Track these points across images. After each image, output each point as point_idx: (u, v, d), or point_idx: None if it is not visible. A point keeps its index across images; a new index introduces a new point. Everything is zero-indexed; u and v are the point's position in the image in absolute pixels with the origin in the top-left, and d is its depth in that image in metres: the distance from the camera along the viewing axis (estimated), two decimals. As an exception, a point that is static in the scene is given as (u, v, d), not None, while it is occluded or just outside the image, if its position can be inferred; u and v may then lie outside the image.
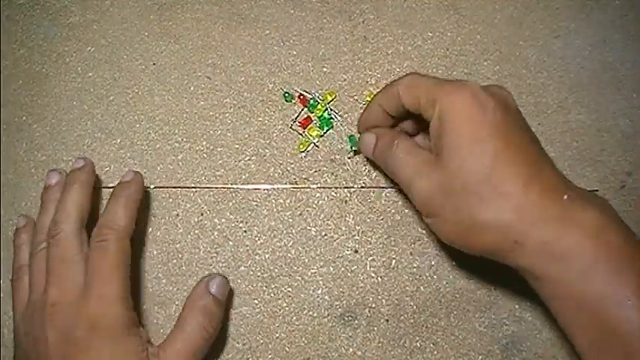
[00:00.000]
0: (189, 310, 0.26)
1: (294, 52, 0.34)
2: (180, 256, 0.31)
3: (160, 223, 0.32)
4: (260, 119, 0.33)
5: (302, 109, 0.33)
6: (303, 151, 0.32)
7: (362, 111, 0.29)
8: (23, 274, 0.27)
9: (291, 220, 0.32)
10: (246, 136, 0.33)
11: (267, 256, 0.31)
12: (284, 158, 0.32)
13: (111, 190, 0.30)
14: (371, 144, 0.27)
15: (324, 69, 0.34)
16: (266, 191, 0.32)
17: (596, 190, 0.32)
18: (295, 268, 0.31)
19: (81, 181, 0.28)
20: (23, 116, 0.34)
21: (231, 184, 0.32)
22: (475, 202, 0.21)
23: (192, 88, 0.34)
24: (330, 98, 0.33)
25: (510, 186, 0.21)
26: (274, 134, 0.33)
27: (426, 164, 0.23)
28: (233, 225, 0.32)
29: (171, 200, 0.32)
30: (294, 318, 0.30)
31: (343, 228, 0.31)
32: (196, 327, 0.25)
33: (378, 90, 0.33)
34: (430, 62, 0.34)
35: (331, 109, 0.33)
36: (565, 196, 0.21)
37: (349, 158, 0.32)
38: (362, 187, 0.32)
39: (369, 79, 0.34)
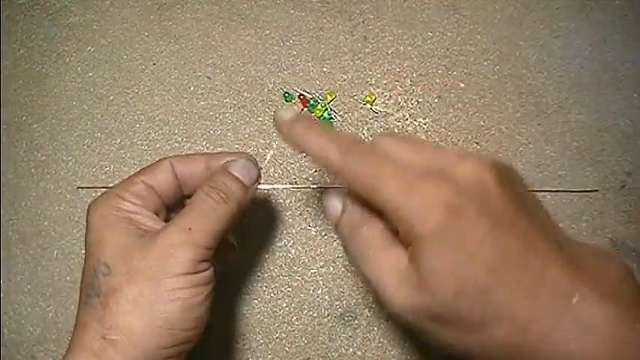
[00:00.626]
0: (200, 190, 0.22)
1: (294, 52, 0.34)
2: None
3: (160, 223, 0.32)
4: (260, 119, 0.33)
5: (302, 109, 0.33)
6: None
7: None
8: None
9: (291, 220, 0.32)
10: (246, 136, 0.33)
11: (266, 256, 0.31)
12: (284, 158, 0.32)
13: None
14: (335, 213, 0.22)
15: (324, 69, 0.34)
16: (266, 191, 0.32)
17: (596, 190, 0.32)
18: (295, 268, 0.31)
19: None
20: (23, 116, 0.34)
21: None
22: (475, 329, 0.18)
23: (192, 88, 0.34)
24: (330, 98, 0.33)
25: (514, 303, 0.18)
26: (274, 134, 0.33)
27: (403, 280, 0.19)
28: (233, 225, 0.32)
29: (171, 200, 0.32)
30: (294, 318, 0.30)
31: None
32: (206, 205, 0.22)
33: (378, 90, 0.33)
34: (430, 62, 0.34)
35: (331, 109, 0.33)
36: (574, 299, 0.18)
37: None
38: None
39: (369, 79, 0.34)
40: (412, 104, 0.33)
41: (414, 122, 0.33)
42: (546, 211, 0.21)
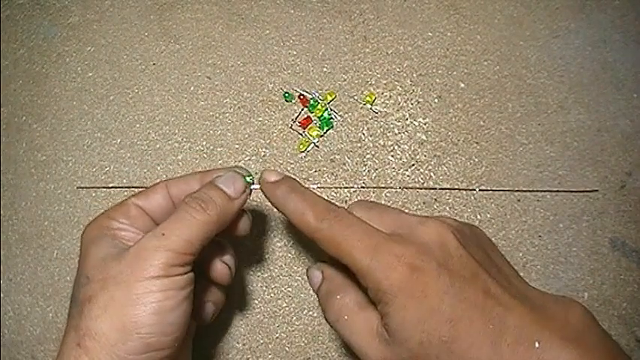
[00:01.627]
0: (181, 200, 0.23)
1: (294, 52, 0.34)
2: None
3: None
4: (260, 119, 0.33)
5: (302, 109, 0.33)
6: (303, 151, 0.33)
7: None
8: None
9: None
10: (246, 136, 0.33)
11: (267, 256, 0.31)
12: (284, 158, 0.33)
13: (111, 190, 0.30)
14: (316, 282, 0.24)
15: (324, 69, 0.34)
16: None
17: (596, 190, 0.32)
18: (295, 268, 0.31)
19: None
20: (23, 116, 0.34)
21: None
22: None
23: (192, 88, 0.34)
24: (330, 98, 0.33)
25: (477, 353, 0.19)
26: (274, 134, 0.33)
27: (375, 335, 0.21)
28: (233, 225, 0.32)
29: (171, 200, 0.32)
30: (294, 318, 0.30)
31: None
32: (183, 212, 0.22)
33: (378, 90, 0.33)
34: (430, 62, 0.34)
35: (331, 109, 0.33)
36: (537, 344, 0.19)
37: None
38: (362, 187, 0.32)
39: (369, 79, 0.34)
40: (412, 104, 0.33)
41: (414, 122, 0.33)
42: (510, 265, 0.23)
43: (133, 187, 0.32)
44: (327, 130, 0.33)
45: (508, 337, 0.19)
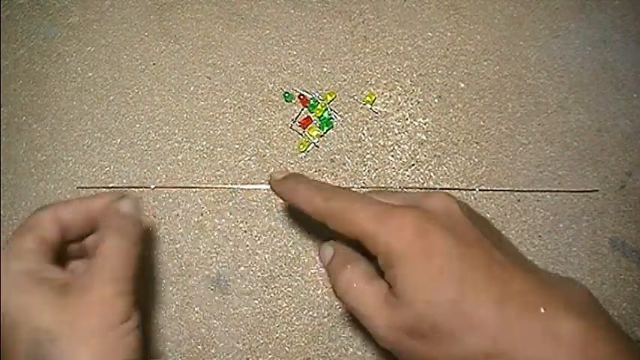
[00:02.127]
0: (105, 238, 0.23)
1: (294, 52, 0.34)
2: (180, 256, 0.31)
3: (160, 223, 0.32)
4: (260, 119, 0.33)
5: (302, 109, 0.33)
6: (303, 151, 0.33)
7: None
8: None
9: (291, 220, 0.32)
10: (246, 136, 0.33)
11: (267, 256, 0.31)
12: (284, 158, 0.33)
13: (111, 190, 0.30)
14: (327, 257, 0.25)
15: (324, 69, 0.34)
16: (266, 191, 0.32)
17: (596, 190, 0.32)
18: (295, 268, 0.31)
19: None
20: (23, 116, 0.34)
21: (232, 184, 0.32)
22: (449, 339, 0.20)
23: (192, 88, 0.34)
24: (330, 98, 0.33)
25: (483, 313, 0.19)
26: (274, 134, 0.33)
27: (383, 302, 0.21)
28: (233, 225, 0.32)
29: (171, 200, 0.32)
30: (294, 318, 0.30)
31: None
32: (117, 250, 0.22)
33: (378, 90, 0.33)
34: (430, 62, 0.34)
35: (331, 109, 0.33)
36: (542, 309, 0.19)
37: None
38: (362, 187, 0.32)
39: (369, 79, 0.34)
40: (412, 104, 0.33)
41: (414, 122, 0.33)
42: (513, 245, 0.23)
43: (133, 187, 0.32)
44: (327, 130, 0.33)
45: (514, 302, 0.19)
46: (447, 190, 0.32)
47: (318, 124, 0.33)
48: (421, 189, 0.32)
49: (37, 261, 0.22)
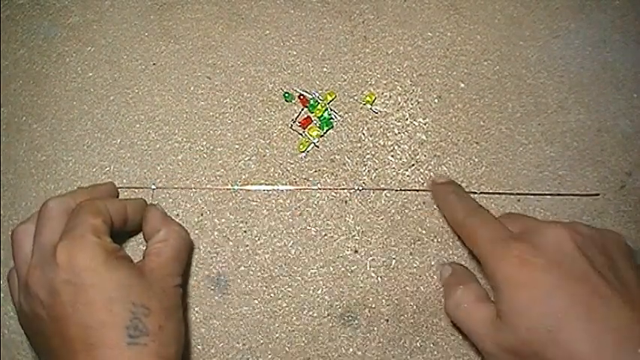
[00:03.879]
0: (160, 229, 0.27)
1: (294, 52, 0.34)
2: None
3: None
4: (260, 119, 0.33)
5: (302, 109, 0.33)
6: (303, 151, 0.33)
7: None
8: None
9: (291, 220, 0.32)
10: (246, 136, 0.33)
11: (267, 256, 0.31)
12: (284, 158, 0.33)
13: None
14: (445, 275, 0.29)
15: (324, 69, 0.34)
16: (266, 191, 0.32)
17: (597, 195, 0.32)
18: (295, 268, 0.31)
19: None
20: (23, 116, 0.34)
21: (232, 185, 0.32)
22: None
23: (192, 88, 0.34)
24: (330, 98, 0.33)
25: (579, 347, 0.20)
26: (274, 134, 0.33)
27: (490, 323, 0.24)
28: (233, 225, 0.32)
29: (171, 200, 0.32)
30: (294, 318, 0.30)
31: (343, 228, 0.32)
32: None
33: (378, 90, 0.33)
34: (430, 62, 0.34)
35: (331, 109, 0.33)
36: None
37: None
38: (362, 189, 0.32)
39: (369, 79, 0.34)
40: (412, 104, 0.34)
41: (414, 122, 0.33)
42: (636, 272, 0.24)
43: (133, 187, 0.32)
44: (327, 130, 0.33)
45: (611, 338, 0.20)
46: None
47: (318, 124, 0.33)
48: (420, 191, 0.32)
49: (110, 241, 0.25)
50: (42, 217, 0.26)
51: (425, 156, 0.33)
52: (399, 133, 0.33)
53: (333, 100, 0.33)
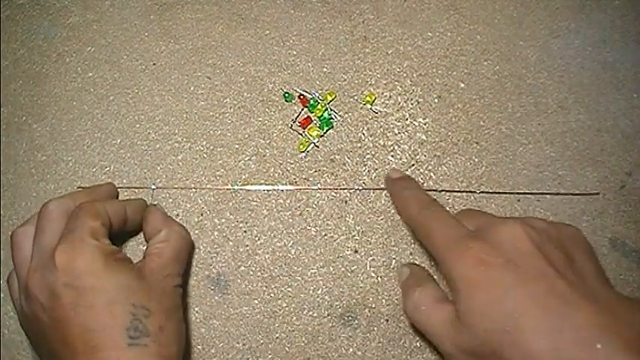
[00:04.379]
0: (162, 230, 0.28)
1: (294, 52, 0.34)
2: None
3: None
4: (260, 119, 0.33)
5: (302, 109, 0.33)
6: (303, 151, 0.33)
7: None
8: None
9: (291, 220, 0.32)
10: (246, 136, 0.33)
11: (267, 256, 0.31)
12: (284, 158, 0.33)
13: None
14: (403, 276, 0.28)
15: (324, 69, 0.34)
16: (266, 191, 0.32)
17: (597, 194, 0.32)
18: (295, 268, 0.31)
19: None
20: (23, 116, 0.34)
21: (232, 185, 0.32)
22: None
23: (192, 88, 0.34)
24: (330, 98, 0.33)
25: (538, 346, 0.20)
26: (274, 134, 0.33)
27: (449, 324, 0.23)
28: (233, 225, 0.32)
29: (171, 200, 0.32)
30: (294, 318, 0.30)
31: (343, 228, 0.32)
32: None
33: (378, 90, 0.34)
34: (430, 62, 0.34)
35: (331, 109, 0.33)
36: (598, 345, 0.19)
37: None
38: (362, 189, 0.32)
39: (369, 79, 0.34)
40: (412, 104, 0.34)
41: (414, 122, 0.33)
42: (595, 267, 0.23)
43: (133, 187, 0.32)
44: (327, 130, 0.33)
45: (569, 337, 0.20)
46: (449, 192, 0.32)
47: (318, 124, 0.33)
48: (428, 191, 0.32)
49: (108, 244, 0.25)
50: (42, 219, 0.26)
51: (425, 156, 0.33)
52: (399, 133, 0.33)
53: (333, 100, 0.33)
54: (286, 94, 0.33)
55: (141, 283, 0.24)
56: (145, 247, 0.28)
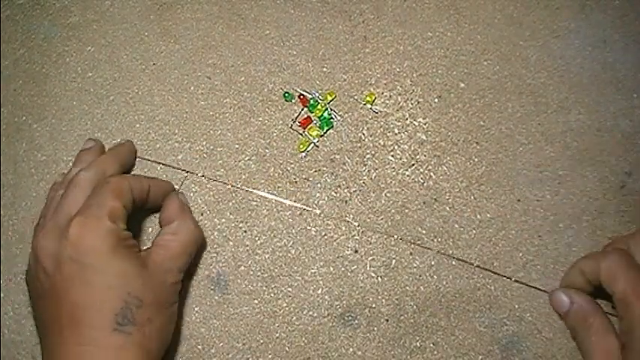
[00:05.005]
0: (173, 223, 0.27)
1: (294, 52, 0.34)
2: None
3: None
4: (260, 119, 0.33)
5: (302, 109, 0.33)
6: (303, 151, 0.33)
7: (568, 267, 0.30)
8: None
9: (291, 220, 0.32)
10: (246, 136, 0.33)
11: (267, 256, 0.31)
12: (284, 158, 0.33)
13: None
14: (563, 307, 0.28)
15: (324, 69, 0.34)
16: (267, 192, 0.32)
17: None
18: (295, 268, 0.31)
19: (116, 151, 0.30)
20: (23, 116, 0.34)
21: (232, 185, 0.32)
22: None
23: (192, 88, 0.34)
24: (330, 98, 0.33)
25: None
26: (274, 134, 0.33)
27: (612, 355, 0.25)
28: (233, 225, 0.32)
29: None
30: (294, 318, 0.30)
31: (343, 228, 0.32)
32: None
33: (378, 90, 0.34)
34: (430, 62, 0.34)
35: (331, 109, 0.33)
36: None
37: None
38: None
39: (369, 79, 0.34)
40: (412, 104, 0.34)
41: (414, 122, 0.33)
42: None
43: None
44: (327, 130, 0.33)
45: None
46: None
47: (318, 124, 0.33)
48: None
49: (123, 228, 0.25)
50: (70, 184, 0.26)
51: (425, 156, 0.33)
52: (399, 132, 0.33)
53: (333, 99, 0.33)
54: (286, 94, 0.33)
55: (142, 273, 0.24)
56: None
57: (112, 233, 0.24)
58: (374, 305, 0.30)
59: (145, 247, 0.26)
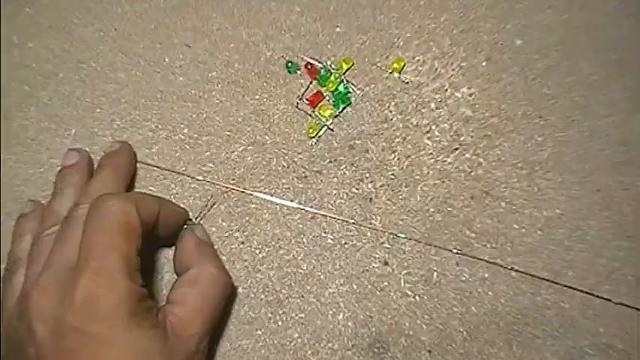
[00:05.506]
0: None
1: (298, 9, 0.32)
2: (160, 276, 0.29)
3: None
4: (256, 97, 0.31)
5: (310, 83, 0.31)
6: (313, 137, 0.31)
7: None
8: (19, 267, 0.25)
9: (300, 226, 0.30)
10: (240, 119, 0.31)
11: (271, 273, 0.29)
12: (289, 147, 0.31)
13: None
14: None
15: (337, 29, 0.31)
16: (267, 192, 0.31)
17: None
18: (308, 287, 0.29)
19: (114, 165, 0.28)
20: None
21: (224, 183, 0.30)
22: None
23: (166, 60, 0.31)
24: (345, 67, 0.31)
25: None
26: (275, 116, 0.31)
27: None
28: (227, 235, 0.30)
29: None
30: (309, 352, 0.28)
31: (368, 234, 0.29)
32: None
33: (407, 54, 0.31)
34: (475, 14, 0.31)
35: (347, 81, 0.31)
36: None
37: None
38: (407, 238, 0.31)
39: (395, 40, 0.31)
40: (453, 70, 0.31)
41: (457, 94, 0.31)
42: None
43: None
44: (343, 109, 0.31)
45: None
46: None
47: (331, 101, 0.31)
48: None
49: (139, 282, 0.22)
50: (69, 223, 0.24)
51: (471, 137, 0.30)
52: (436, 108, 0.31)
53: (349, 69, 0.31)
54: (289, 64, 0.31)
55: (163, 347, 0.22)
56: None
57: (128, 293, 0.21)
58: (411, 332, 0.28)
59: (160, 305, 0.25)
